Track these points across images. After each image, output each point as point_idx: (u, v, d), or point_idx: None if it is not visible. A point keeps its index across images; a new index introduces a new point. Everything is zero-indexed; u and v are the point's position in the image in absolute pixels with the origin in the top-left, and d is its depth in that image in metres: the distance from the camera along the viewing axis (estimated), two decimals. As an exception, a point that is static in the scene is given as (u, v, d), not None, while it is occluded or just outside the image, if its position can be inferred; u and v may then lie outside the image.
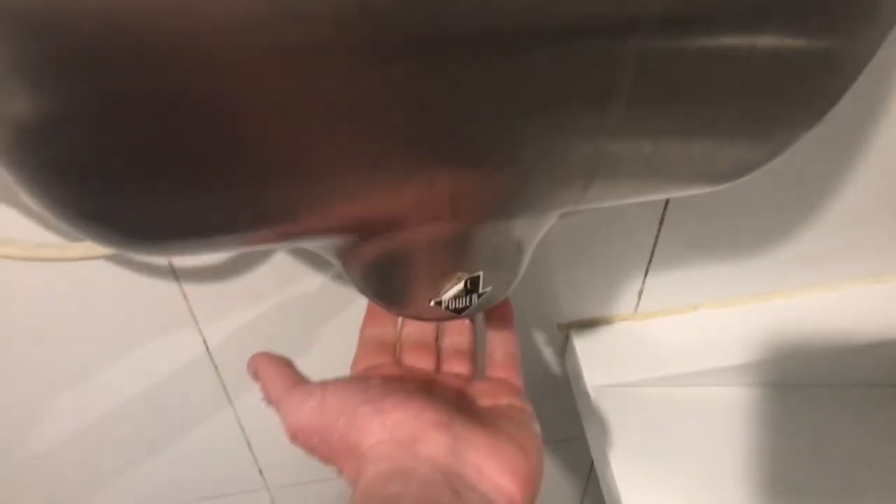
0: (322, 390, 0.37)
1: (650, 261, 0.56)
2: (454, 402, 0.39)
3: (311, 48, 0.20)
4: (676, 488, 0.54)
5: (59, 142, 0.22)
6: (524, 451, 0.36)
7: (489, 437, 0.36)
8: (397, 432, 0.35)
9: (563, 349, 0.64)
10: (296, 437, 0.36)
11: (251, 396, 0.62)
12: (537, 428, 0.38)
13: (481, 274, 0.32)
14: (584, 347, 0.61)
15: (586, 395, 0.58)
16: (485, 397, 0.41)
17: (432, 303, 0.32)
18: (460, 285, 0.32)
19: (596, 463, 0.59)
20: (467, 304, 0.33)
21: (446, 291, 0.32)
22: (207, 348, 0.56)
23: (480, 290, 0.33)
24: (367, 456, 0.34)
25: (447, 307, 0.33)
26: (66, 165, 0.23)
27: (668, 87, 0.24)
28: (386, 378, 0.39)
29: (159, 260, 0.48)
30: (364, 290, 0.34)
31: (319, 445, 0.36)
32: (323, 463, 0.37)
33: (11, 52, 0.19)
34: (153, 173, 0.23)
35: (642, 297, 0.59)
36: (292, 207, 0.26)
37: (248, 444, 0.67)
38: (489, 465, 0.34)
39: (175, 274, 0.49)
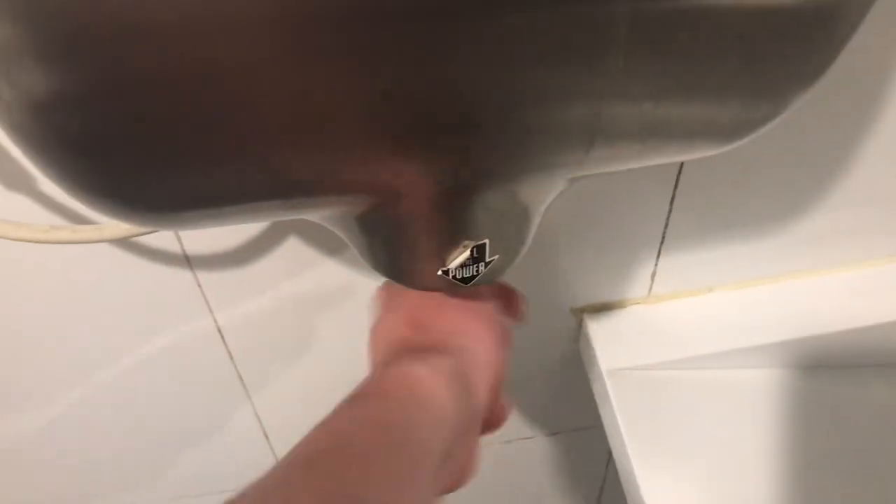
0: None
1: (662, 243, 0.56)
2: None
3: (306, 12, 0.20)
4: (693, 469, 0.54)
5: (75, 118, 0.23)
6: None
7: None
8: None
9: (578, 335, 0.64)
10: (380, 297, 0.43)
11: (267, 386, 0.63)
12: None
13: (487, 242, 0.32)
14: (598, 332, 0.61)
15: (601, 379, 0.58)
16: None
17: (440, 272, 0.32)
18: (466, 253, 0.32)
19: (612, 446, 0.58)
20: (474, 272, 0.33)
21: (453, 260, 0.32)
22: (222, 336, 0.56)
23: (487, 259, 0.33)
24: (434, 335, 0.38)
25: (454, 276, 0.33)
26: (82, 141, 0.24)
27: (664, 42, 0.24)
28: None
29: (172, 246, 0.49)
30: (373, 263, 0.34)
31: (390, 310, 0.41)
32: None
33: (27, 30, 0.20)
34: (166, 145, 0.24)
35: (655, 280, 0.59)
36: (299, 173, 0.26)
37: (266, 435, 0.68)
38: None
39: (189, 261, 0.50)
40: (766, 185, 0.53)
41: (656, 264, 0.58)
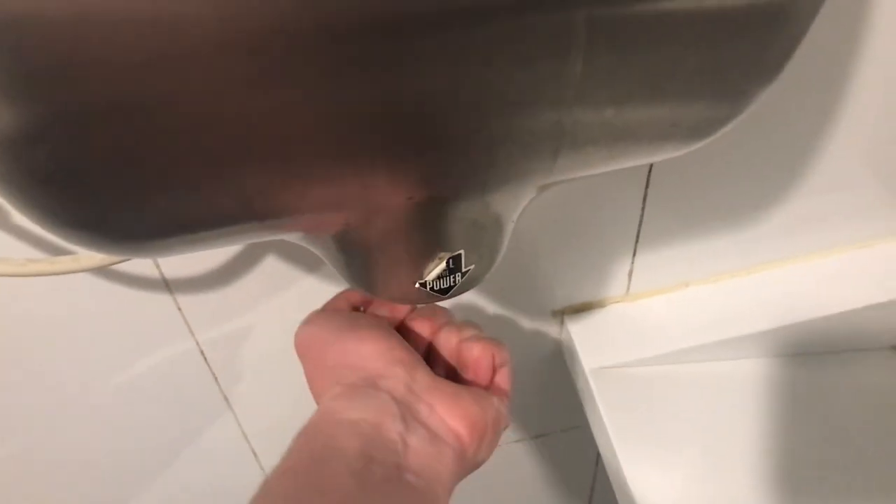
0: (320, 314, 0.44)
1: (637, 241, 0.57)
2: (425, 351, 0.44)
3: (266, 35, 0.21)
4: (682, 462, 0.55)
5: (42, 153, 0.22)
6: (478, 401, 0.40)
7: (447, 385, 0.40)
8: (367, 361, 0.39)
9: (559, 336, 0.65)
10: (296, 348, 0.43)
11: (252, 404, 0.62)
12: (494, 399, 0.41)
13: (462, 252, 0.32)
14: (579, 332, 0.61)
15: (584, 378, 0.58)
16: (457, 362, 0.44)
17: (417, 284, 0.33)
18: (443, 265, 0.32)
19: (599, 444, 0.59)
20: (451, 283, 0.33)
21: (429, 272, 0.32)
22: (205, 357, 0.56)
23: (463, 269, 0.33)
24: (336, 376, 0.39)
25: (432, 288, 0.33)
26: (51, 175, 0.23)
27: (622, 47, 0.24)
28: (374, 315, 0.44)
29: (151, 272, 0.49)
30: (349, 277, 0.34)
31: (308, 360, 0.42)
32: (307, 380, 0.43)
33: None
34: (135, 175, 0.24)
35: (632, 278, 0.60)
36: (271, 195, 0.26)
37: (254, 452, 0.68)
38: (442, 406, 0.38)
39: (168, 285, 0.50)
40: (736, 177, 0.54)
41: (632, 262, 0.58)
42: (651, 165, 0.50)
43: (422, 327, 0.45)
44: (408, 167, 0.27)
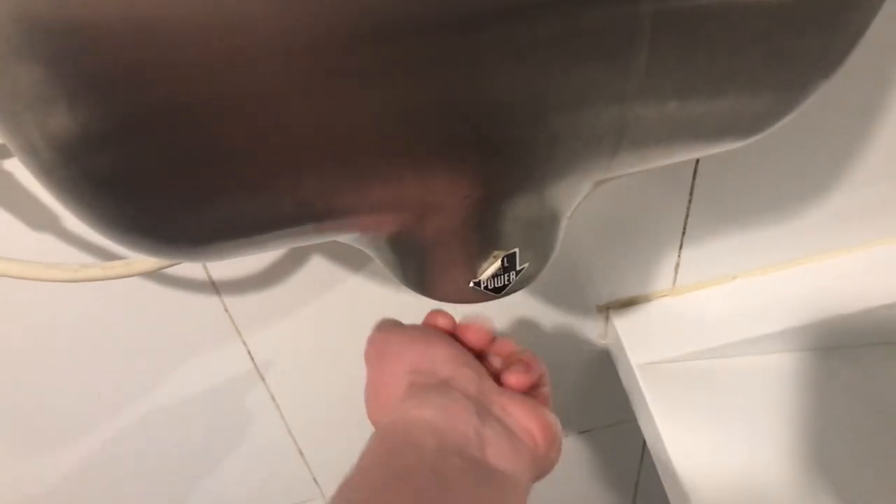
0: (391, 322, 0.45)
1: (683, 234, 0.56)
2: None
3: (331, 37, 0.21)
4: (730, 457, 0.54)
5: (104, 157, 0.23)
6: (545, 407, 0.40)
7: (513, 391, 0.40)
8: (439, 365, 0.40)
9: (605, 332, 0.64)
10: (367, 353, 0.44)
11: (300, 405, 0.63)
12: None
13: (517, 250, 0.32)
14: (625, 327, 0.61)
15: (632, 374, 0.58)
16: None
17: (471, 283, 0.33)
18: (497, 263, 0.32)
19: (647, 439, 0.58)
20: (506, 282, 0.33)
21: (484, 271, 0.32)
22: (252, 359, 0.57)
23: (518, 267, 0.33)
24: (408, 379, 0.40)
25: (486, 287, 0.33)
26: (112, 179, 0.24)
27: (687, 40, 0.24)
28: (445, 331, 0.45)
29: (199, 274, 0.49)
30: (403, 279, 0.34)
31: (378, 364, 0.43)
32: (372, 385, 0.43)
33: (53, 73, 0.20)
34: (195, 177, 0.24)
35: (679, 272, 0.59)
36: (330, 197, 0.26)
37: (301, 452, 0.68)
38: (513, 406, 0.39)
39: (216, 287, 0.50)
40: (783, 168, 0.53)
41: (679, 255, 0.58)
42: (698, 159, 0.50)
43: (474, 339, 0.44)
44: (469, 166, 0.26)
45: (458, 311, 0.44)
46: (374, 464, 0.35)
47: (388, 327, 0.45)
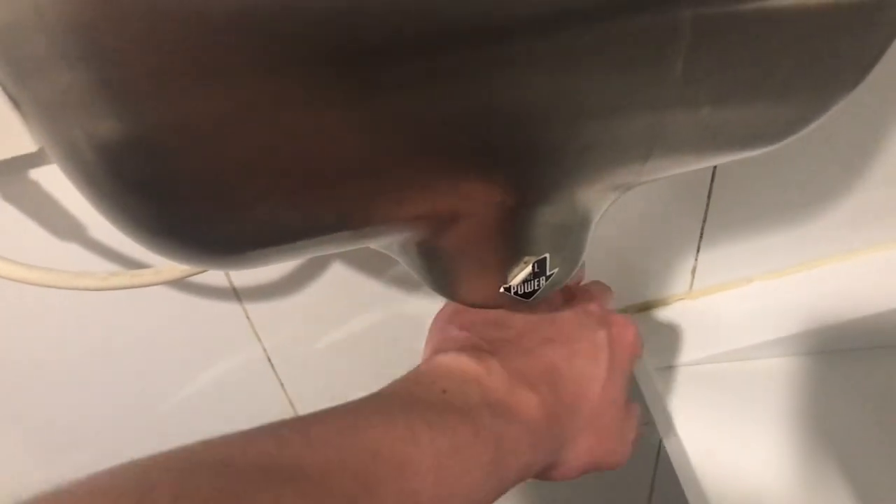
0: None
1: (701, 238, 0.56)
2: None
3: (366, 45, 0.21)
4: (749, 458, 0.54)
5: (146, 160, 0.23)
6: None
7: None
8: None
9: (621, 335, 0.64)
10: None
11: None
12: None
13: (547, 256, 0.32)
14: (643, 331, 0.60)
15: (649, 378, 0.58)
16: None
17: (502, 289, 0.33)
18: (528, 269, 0.32)
19: (666, 443, 0.58)
20: (536, 287, 0.33)
21: (514, 276, 0.32)
22: (272, 365, 0.57)
23: (548, 272, 0.33)
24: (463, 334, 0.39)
25: (516, 292, 0.33)
26: (152, 182, 0.24)
27: (724, 46, 0.24)
28: None
29: (221, 281, 0.49)
30: (432, 284, 0.34)
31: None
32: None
33: (100, 75, 0.20)
34: (237, 184, 0.24)
35: (696, 275, 0.59)
36: (367, 206, 0.27)
37: (318, 458, 0.68)
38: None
39: (237, 294, 0.50)
40: (799, 173, 0.53)
41: (696, 259, 0.58)
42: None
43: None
44: (502, 174, 0.27)
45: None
46: (425, 381, 0.36)
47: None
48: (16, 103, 0.24)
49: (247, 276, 0.50)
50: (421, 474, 0.30)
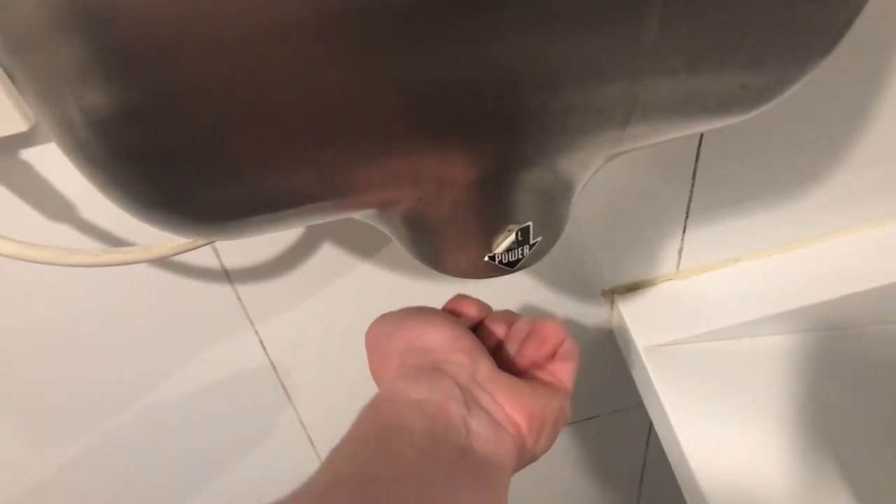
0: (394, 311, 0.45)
1: (687, 217, 0.57)
2: (494, 346, 0.45)
3: (349, 13, 0.21)
4: (738, 438, 0.55)
5: (139, 132, 0.24)
6: (537, 395, 0.40)
7: (509, 377, 0.40)
8: (433, 346, 0.40)
9: (610, 316, 0.65)
10: (367, 338, 0.45)
11: (311, 393, 0.63)
12: (557, 395, 0.43)
13: (531, 224, 0.33)
14: (630, 311, 0.61)
15: (638, 357, 0.59)
16: (523, 358, 0.44)
17: (486, 258, 0.33)
18: (512, 237, 0.33)
19: (655, 422, 0.59)
20: (520, 255, 0.34)
21: (499, 245, 0.33)
22: (264, 348, 0.57)
23: (531, 241, 0.34)
24: (401, 359, 0.41)
25: (500, 261, 0.34)
26: (141, 153, 0.25)
27: (697, 10, 0.25)
28: (445, 311, 0.45)
29: (212, 262, 0.50)
30: (417, 254, 0.35)
31: (376, 347, 0.44)
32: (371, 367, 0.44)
33: (92, 49, 0.21)
34: (224, 151, 0.25)
35: (682, 256, 0.60)
36: (350, 172, 0.27)
37: (311, 441, 0.68)
38: (502, 396, 0.39)
39: (228, 276, 0.51)
40: (785, 151, 0.54)
41: (683, 239, 0.59)
42: (700, 142, 0.51)
43: (497, 328, 0.45)
44: (483, 139, 0.27)
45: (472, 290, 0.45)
46: (365, 436, 0.35)
47: (388, 313, 0.45)
48: (10, 75, 0.24)
49: (238, 257, 0.50)
50: None
